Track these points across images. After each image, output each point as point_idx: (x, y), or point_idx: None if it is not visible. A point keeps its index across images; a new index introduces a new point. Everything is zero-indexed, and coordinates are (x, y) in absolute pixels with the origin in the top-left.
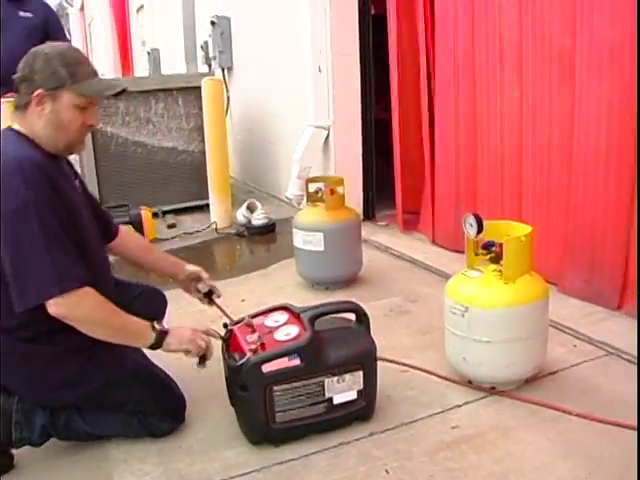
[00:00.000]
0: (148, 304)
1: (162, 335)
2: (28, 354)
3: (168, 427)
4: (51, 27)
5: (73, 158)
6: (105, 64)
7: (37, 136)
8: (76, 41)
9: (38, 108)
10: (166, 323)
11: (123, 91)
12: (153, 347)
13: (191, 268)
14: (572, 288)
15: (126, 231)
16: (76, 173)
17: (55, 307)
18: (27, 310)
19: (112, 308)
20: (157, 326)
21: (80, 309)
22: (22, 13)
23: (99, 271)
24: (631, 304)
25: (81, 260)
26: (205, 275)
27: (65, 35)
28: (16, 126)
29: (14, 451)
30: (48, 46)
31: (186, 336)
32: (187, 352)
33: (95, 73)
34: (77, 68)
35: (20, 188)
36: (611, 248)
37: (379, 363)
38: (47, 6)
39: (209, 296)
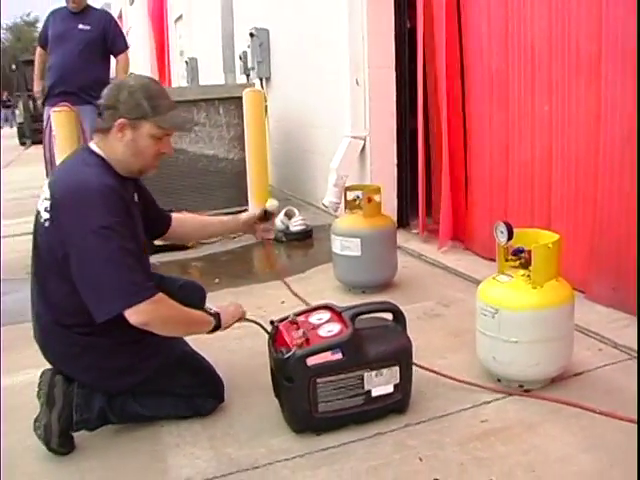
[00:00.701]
0: (190, 294)
1: (218, 317)
2: (88, 346)
3: (211, 406)
4: (110, 38)
5: None
6: (143, 72)
7: (114, 159)
8: None
9: (119, 135)
10: None
11: (195, 125)
12: (213, 330)
13: (244, 217)
14: (599, 295)
15: (178, 218)
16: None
17: (135, 316)
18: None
19: (180, 307)
20: (211, 311)
21: (157, 315)
22: (81, 26)
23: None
24: None
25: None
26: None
27: (125, 45)
28: (93, 146)
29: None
30: (133, 78)
31: (230, 311)
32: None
33: (173, 106)
34: (158, 101)
35: (101, 213)
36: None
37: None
38: (106, 18)
39: (266, 216)
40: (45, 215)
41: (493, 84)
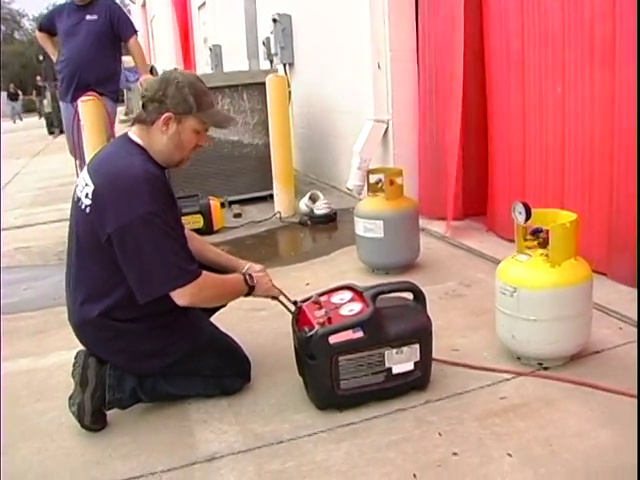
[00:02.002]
0: None
1: (252, 288)
2: (121, 331)
3: (239, 386)
4: (116, 25)
5: None
6: (167, 60)
7: (155, 150)
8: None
9: (164, 128)
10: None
11: (233, 123)
12: (246, 295)
13: (245, 264)
14: (619, 275)
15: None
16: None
17: (181, 298)
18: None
19: (219, 279)
20: (248, 279)
21: (200, 297)
22: (89, 17)
23: None
24: None
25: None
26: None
27: (133, 29)
28: (133, 135)
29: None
30: (180, 74)
31: (264, 286)
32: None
33: (214, 103)
34: (203, 98)
35: (147, 199)
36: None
37: (434, 341)
38: (111, 5)
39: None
40: (86, 201)
41: (510, 66)
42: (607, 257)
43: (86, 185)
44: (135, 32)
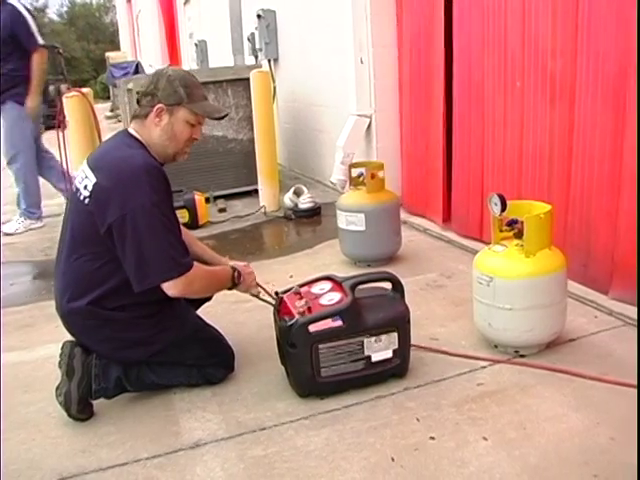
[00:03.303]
0: None
1: (237, 282)
2: (108, 319)
3: (222, 375)
4: (17, 34)
5: None
6: (153, 56)
7: (151, 143)
8: (123, 34)
9: (157, 119)
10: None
11: (225, 116)
12: (229, 289)
13: (230, 262)
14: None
15: None
16: None
17: (171, 289)
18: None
19: (209, 271)
20: (236, 275)
21: (191, 286)
22: None
23: None
24: None
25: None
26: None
27: (35, 39)
28: (132, 130)
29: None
30: (171, 69)
31: (247, 282)
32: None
33: (205, 97)
34: (193, 90)
35: (147, 190)
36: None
37: (414, 330)
38: (11, 16)
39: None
40: (85, 193)
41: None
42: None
43: (86, 177)
44: (37, 44)
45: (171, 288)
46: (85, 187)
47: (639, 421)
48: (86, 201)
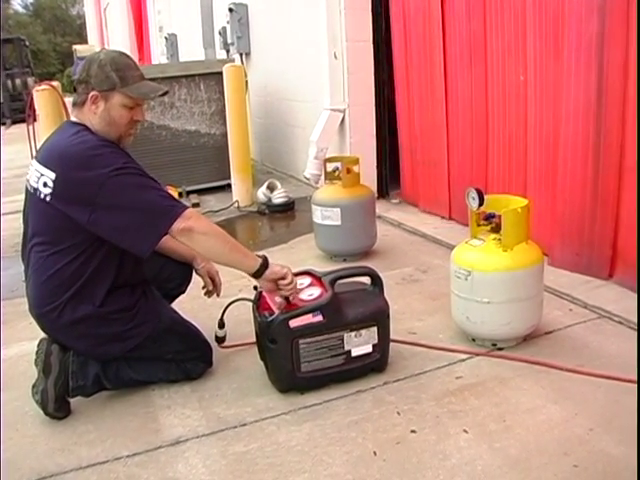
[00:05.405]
0: (177, 268)
1: (264, 268)
2: (82, 317)
3: (201, 370)
4: None
5: None
6: (121, 49)
7: (94, 129)
8: (91, 26)
9: (93, 107)
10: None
11: (165, 93)
12: (255, 275)
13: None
14: (564, 260)
15: None
16: None
17: (182, 223)
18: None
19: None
20: (265, 261)
21: (201, 221)
22: None
23: None
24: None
25: None
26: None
27: None
28: (74, 119)
29: (70, 400)
30: (103, 52)
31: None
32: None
33: (142, 77)
34: (126, 72)
35: (108, 158)
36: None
37: (392, 324)
38: None
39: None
40: (46, 190)
41: (472, 54)
42: (552, 242)
43: (41, 175)
44: None
45: (179, 223)
46: (45, 184)
47: (639, 420)
48: (48, 199)
